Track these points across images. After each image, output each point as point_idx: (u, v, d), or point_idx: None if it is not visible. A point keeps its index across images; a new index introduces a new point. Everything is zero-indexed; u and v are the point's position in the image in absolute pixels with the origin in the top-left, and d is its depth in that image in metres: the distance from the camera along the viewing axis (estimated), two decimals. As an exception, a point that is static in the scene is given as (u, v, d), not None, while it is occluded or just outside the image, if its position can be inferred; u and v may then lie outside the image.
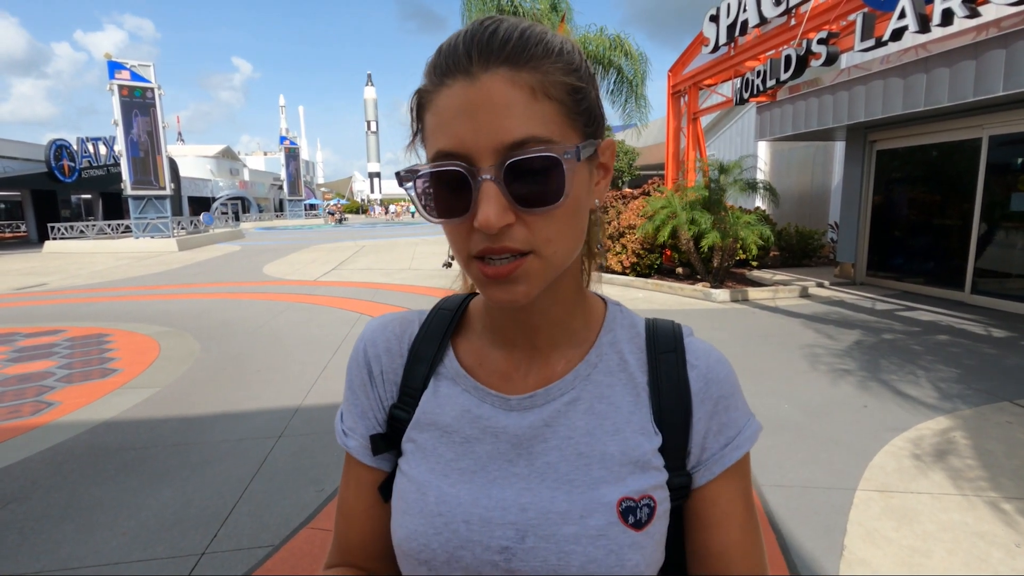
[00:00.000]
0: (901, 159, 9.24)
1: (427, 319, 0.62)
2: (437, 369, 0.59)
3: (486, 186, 0.44)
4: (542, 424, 0.54)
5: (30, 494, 2.96)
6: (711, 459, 0.54)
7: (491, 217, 0.44)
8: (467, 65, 0.45)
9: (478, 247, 0.46)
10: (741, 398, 0.57)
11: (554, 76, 0.45)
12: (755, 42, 8.72)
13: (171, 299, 9.18)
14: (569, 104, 0.46)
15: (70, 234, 21.63)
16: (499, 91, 0.44)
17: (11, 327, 7.07)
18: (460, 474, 0.53)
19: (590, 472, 0.52)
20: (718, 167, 8.79)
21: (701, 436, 0.54)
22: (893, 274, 9.33)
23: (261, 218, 46.66)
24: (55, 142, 25.49)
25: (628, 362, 0.56)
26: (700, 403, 0.55)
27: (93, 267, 14.22)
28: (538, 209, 0.45)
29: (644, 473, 0.52)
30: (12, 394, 4.54)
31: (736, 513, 0.55)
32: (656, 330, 0.59)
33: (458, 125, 0.45)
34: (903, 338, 5.92)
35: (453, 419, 0.56)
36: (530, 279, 0.47)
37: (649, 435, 0.53)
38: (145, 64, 19.83)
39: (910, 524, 2.55)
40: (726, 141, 17.53)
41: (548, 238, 0.46)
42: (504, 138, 0.43)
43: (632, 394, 0.55)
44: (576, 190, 0.47)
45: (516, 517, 0.50)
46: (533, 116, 0.44)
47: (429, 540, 0.51)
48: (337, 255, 15.93)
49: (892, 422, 3.70)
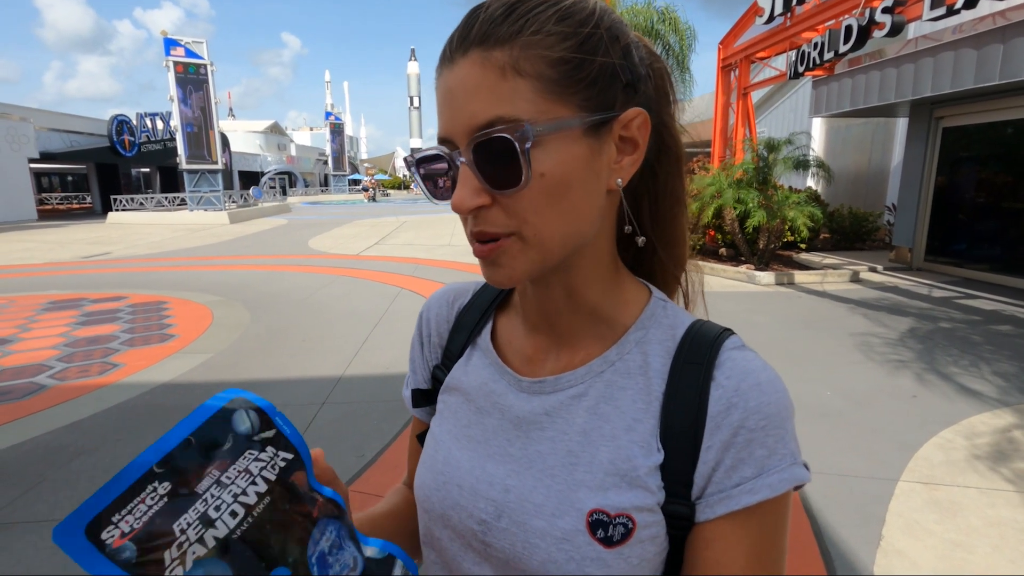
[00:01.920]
0: (970, 137, 8.66)
1: (479, 290, 0.65)
2: (475, 339, 0.61)
3: (462, 169, 0.45)
4: (543, 412, 0.53)
5: (98, 447, 3.20)
6: (715, 495, 0.46)
7: (462, 199, 0.45)
8: (449, 52, 0.46)
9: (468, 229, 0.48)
10: (782, 436, 0.46)
11: (532, 50, 0.43)
12: (813, 11, 8.25)
13: (223, 270, 9.59)
14: (554, 77, 0.44)
15: (130, 206, 22.78)
16: (469, 74, 0.44)
17: (80, 293, 7.57)
18: (468, 440, 0.56)
19: (574, 473, 0.49)
20: (767, 144, 8.45)
21: (709, 467, 0.46)
22: (954, 260, 8.83)
23: (307, 192, 47.83)
24: (116, 117, 26.72)
25: (651, 366, 0.51)
26: (715, 428, 0.46)
27: (151, 238, 14.97)
28: (508, 191, 0.44)
29: (630, 489, 0.47)
30: (82, 355, 4.88)
31: (732, 565, 0.46)
32: (694, 335, 0.51)
33: (443, 111, 0.46)
34: (961, 327, 5.63)
35: (474, 388, 0.58)
36: (512, 262, 0.47)
37: (649, 450, 0.48)
38: (198, 41, 20.41)
39: (953, 518, 2.47)
40: (777, 118, 16.78)
41: (525, 219, 0.45)
42: (472, 121, 0.44)
43: (644, 402, 0.50)
44: (558, 169, 0.44)
45: (498, 495, 0.51)
46: (501, 96, 0.43)
47: (430, 493, 0.55)
48: (379, 230, 16.22)
49: (943, 413, 3.56)
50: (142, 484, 0.33)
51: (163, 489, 0.34)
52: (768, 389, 0.47)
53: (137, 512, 0.33)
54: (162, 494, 0.33)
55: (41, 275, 9.24)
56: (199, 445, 0.35)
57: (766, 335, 5.36)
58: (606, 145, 0.47)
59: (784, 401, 0.47)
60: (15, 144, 21.65)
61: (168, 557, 0.32)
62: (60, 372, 4.45)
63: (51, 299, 7.19)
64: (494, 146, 0.43)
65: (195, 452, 0.35)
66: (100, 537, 0.32)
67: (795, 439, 0.48)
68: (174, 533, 0.33)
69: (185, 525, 0.33)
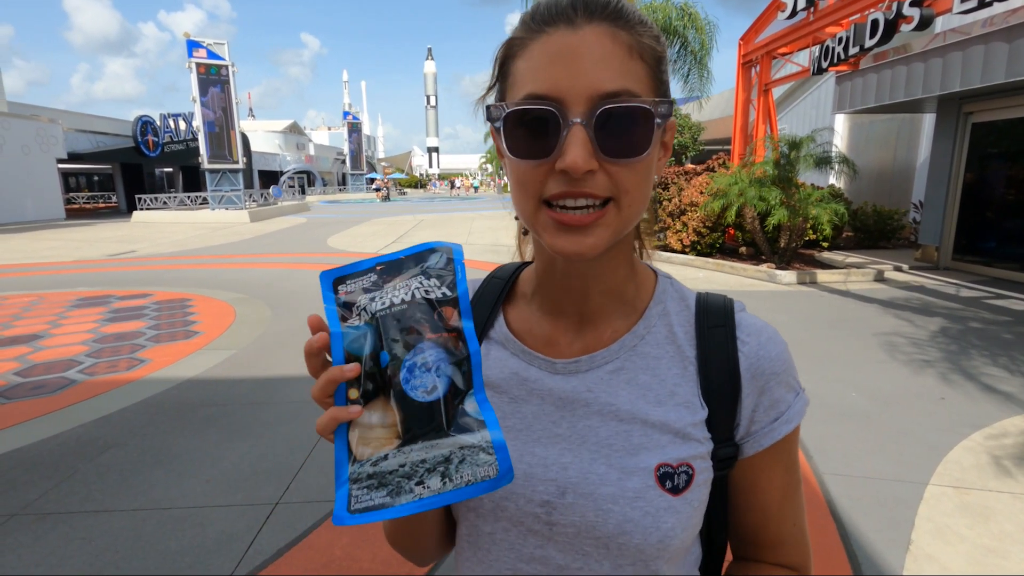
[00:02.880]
0: (1000, 133, 8.42)
1: (481, 286, 0.65)
2: (488, 333, 0.62)
3: (575, 130, 0.45)
4: (585, 389, 0.55)
5: (127, 441, 3.28)
6: (759, 432, 0.55)
7: (579, 159, 0.45)
8: (571, 15, 0.47)
9: (554, 190, 0.47)
10: (792, 373, 0.57)
11: (646, 40, 0.48)
12: (838, 5, 8.09)
13: (244, 268, 9.74)
14: (655, 70, 0.49)
15: (154, 205, 23.22)
16: (600, 43, 0.46)
17: (107, 290, 7.74)
18: (507, 431, 0.56)
19: (630, 439, 0.53)
20: (788, 142, 8.31)
21: (750, 411, 0.55)
22: (982, 259, 8.61)
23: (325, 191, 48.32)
24: (141, 118, 27.27)
25: (676, 335, 0.57)
26: (751, 379, 0.55)
27: (174, 236, 15.25)
28: (623, 160, 0.47)
29: (684, 443, 0.53)
30: (110, 350, 5.00)
31: (778, 477, 0.57)
32: (707, 304, 0.58)
33: (555, 70, 0.46)
34: (990, 328, 5.49)
35: (502, 380, 0.58)
36: (603, 232, 0.48)
37: (694, 408, 0.54)
38: (220, 42, 20.73)
39: (986, 523, 2.41)
40: (799, 114, 16.50)
41: (627, 189, 0.48)
42: (600, 87, 0.45)
43: (679, 366, 0.56)
44: (655, 151, 0.49)
45: (557, 474, 0.53)
46: (629, 72, 0.46)
47: None
48: (396, 228, 16.32)
49: (972, 416, 3.47)
50: (367, 271, 0.48)
51: (372, 278, 0.48)
52: (777, 339, 0.57)
53: (356, 284, 0.48)
54: (372, 280, 0.48)
55: (70, 272, 9.47)
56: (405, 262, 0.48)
57: (789, 335, 5.27)
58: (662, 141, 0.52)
59: (786, 346, 0.58)
60: (44, 145, 22.22)
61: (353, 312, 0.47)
62: (89, 367, 4.55)
63: (80, 296, 7.37)
64: (628, 114, 0.46)
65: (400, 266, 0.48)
66: (337, 288, 0.48)
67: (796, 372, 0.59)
68: (359, 301, 0.47)
69: (365, 299, 0.47)
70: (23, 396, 3.98)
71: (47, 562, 2.24)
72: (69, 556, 2.27)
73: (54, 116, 23.83)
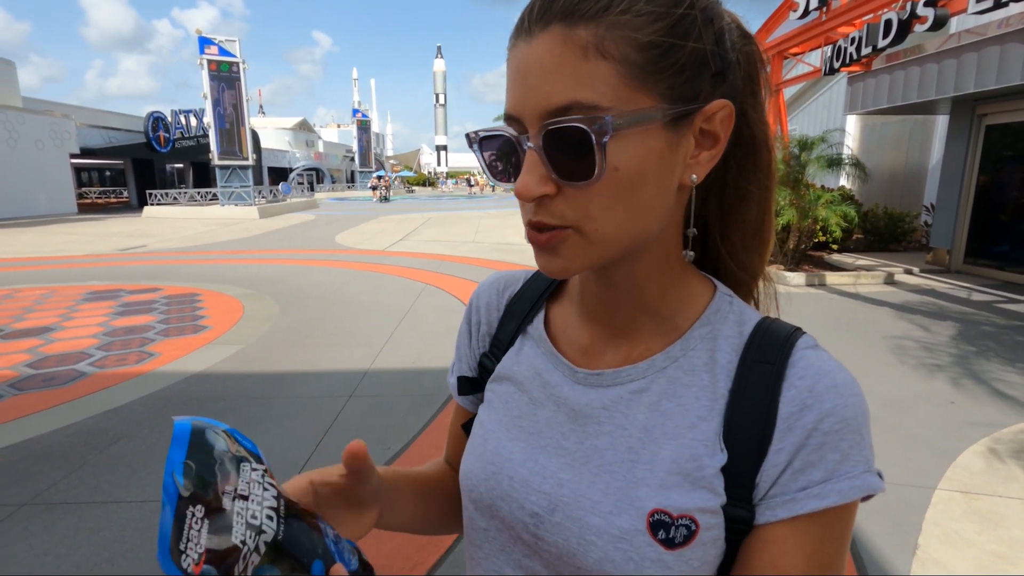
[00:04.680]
0: (1014, 135, 8.32)
1: (530, 279, 0.63)
2: (526, 328, 0.59)
3: (529, 154, 0.42)
4: (600, 406, 0.51)
5: (136, 433, 3.31)
6: (778, 497, 0.44)
7: (526, 186, 0.42)
8: (528, 24, 0.42)
9: (526, 215, 0.45)
10: (857, 441, 0.44)
11: (618, 30, 0.40)
12: (851, 5, 8.03)
13: (253, 263, 9.80)
14: (640, 61, 0.40)
15: (165, 201, 23.42)
16: (549, 51, 0.40)
17: (118, 284, 7.82)
18: (519, 431, 0.54)
19: (634, 470, 0.47)
20: (799, 143, 8.26)
21: (778, 469, 0.44)
22: (995, 262, 8.51)
23: (334, 188, 48.49)
24: (152, 114, 27.52)
25: (717, 362, 0.48)
26: (787, 430, 0.44)
27: (185, 232, 15.37)
28: (575, 183, 0.42)
29: (693, 489, 0.45)
30: (120, 344, 5.05)
31: (792, 568, 0.43)
32: (763, 332, 0.49)
33: (514, 88, 0.43)
34: (1002, 332, 5.43)
35: (527, 379, 0.56)
36: (569, 254, 0.44)
37: (713, 450, 0.46)
38: (231, 39, 20.84)
39: (995, 529, 2.39)
40: (810, 115, 16.38)
41: (588, 215, 0.43)
42: (546, 104, 0.41)
43: (709, 399, 0.47)
44: (633, 163, 0.41)
45: (552, 489, 0.50)
46: (581, 79, 0.40)
47: (478, 483, 0.54)
48: (404, 226, 16.37)
49: (982, 421, 3.44)
50: (181, 513, 0.34)
51: (199, 512, 0.35)
52: (845, 391, 0.45)
53: (194, 538, 0.34)
54: (200, 516, 0.34)
55: (81, 266, 9.57)
56: (197, 467, 0.36)
57: (796, 337, 5.23)
58: (684, 138, 0.44)
59: (861, 405, 0.45)
60: (57, 140, 22.47)
61: (237, 570, 0.34)
62: (100, 360, 4.60)
63: (91, 289, 7.45)
64: (568, 135, 0.40)
65: (198, 473, 0.36)
66: (184, 568, 0.33)
67: (871, 446, 0.45)
68: (237, 546, 0.35)
69: (242, 536, 0.35)
70: (35, 388, 4.03)
71: (56, 551, 2.27)
72: (78, 545, 2.30)
73: (67, 112, 24.07)
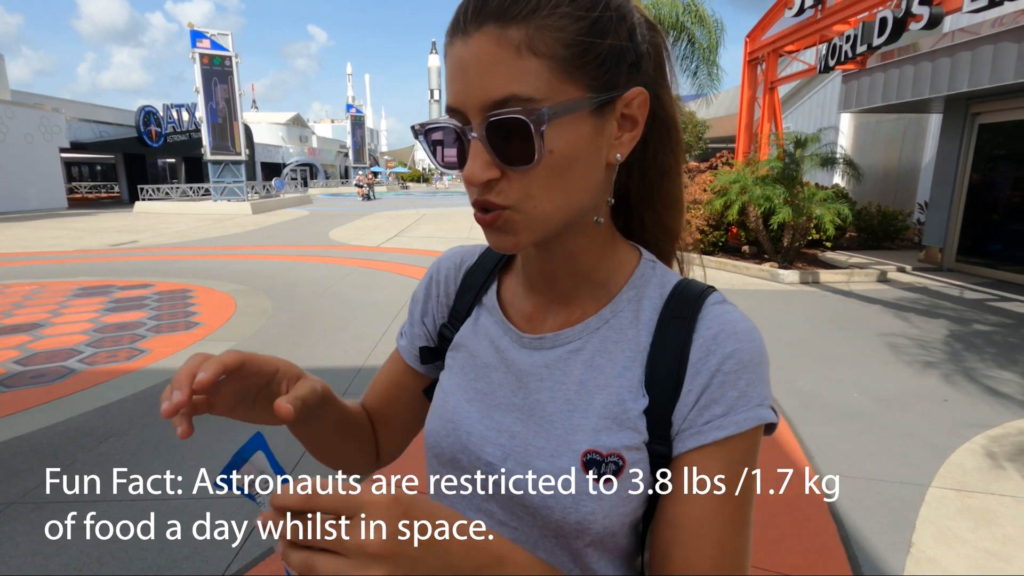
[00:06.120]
0: (1007, 134, 8.37)
1: (484, 252, 0.70)
2: (481, 299, 0.66)
3: (474, 143, 0.47)
4: (542, 365, 0.58)
5: (126, 431, 3.27)
6: (688, 431, 0.51)
7: (473, 172, 0.47)
8: (463, 23, 0.47)
9: (473, 196, 0.50)
10: (752, 380, 0.51)
11: (546, 31, 0.45)
12: (846, 3, 8.03)
13: (246, 259, 9.73)
14: (567, 57, 0.46)
15: (157, 196, 23.23)
16: (486, 49, 0.45)
17: (109, 280, 7.74)
18: (475, 393, 0.61)
19: (570, 419, 0.54)
20: (794, 140, 8.27)
21: (688, 407, 0.51)
22: (987, 261, 8.57)
23: (327, 184, 48.32)
24: (144, 108, 27.23)
25: (641, 320, 0.56)
26: (695, 373, 0.51)
27: (176, 227, 15.24)
28: (517, 167, 0.47)
29: (620, 430, 0.52)
30: (110, 340, 4.99)
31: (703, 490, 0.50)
32: (680, 292, 0.56)
33: (455, 83, 0.48)
34: (994, 330, 5.46)
35: (481, 346, 0.63)
36: (515, 231, 0.50)
37: (636, 396, 0.53)
38: (224, 33, 20.66)
39: (988, 526, 2.40)
40: (804, 113, 16.43)
41: (528, 194, 0.48)
42: (486, 97, 0.46)
43: (633, 352, 0.55)
44: (566, 147, 0.47)
45: (505, 440, 0.57)
46: (517, 74, 0.45)
47: (440, 439, 0.61)
48: (399, 222, 16.30)
49: (975, 418, 3.46)
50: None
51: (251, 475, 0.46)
52: (744, 337, 0.52)
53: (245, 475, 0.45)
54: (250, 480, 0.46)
55: (71, 262, 9.47)
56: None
57: (791, 334, 5.26)
58: (608, 123, 0.50)
59: (758, 348, 0.52)
60: (47, 134, 22.21)
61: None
62: (89, 357, 4.55)
63: (81, 285, 7.37)
64: (509, 125, 0.45)
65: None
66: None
67: (767, 385, 0.52)
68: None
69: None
70: (23, 385, 3.97)
71: (44, 551, 2.24)
72: (66, 545, 2.26)
73: (57, 105, 23.80)
